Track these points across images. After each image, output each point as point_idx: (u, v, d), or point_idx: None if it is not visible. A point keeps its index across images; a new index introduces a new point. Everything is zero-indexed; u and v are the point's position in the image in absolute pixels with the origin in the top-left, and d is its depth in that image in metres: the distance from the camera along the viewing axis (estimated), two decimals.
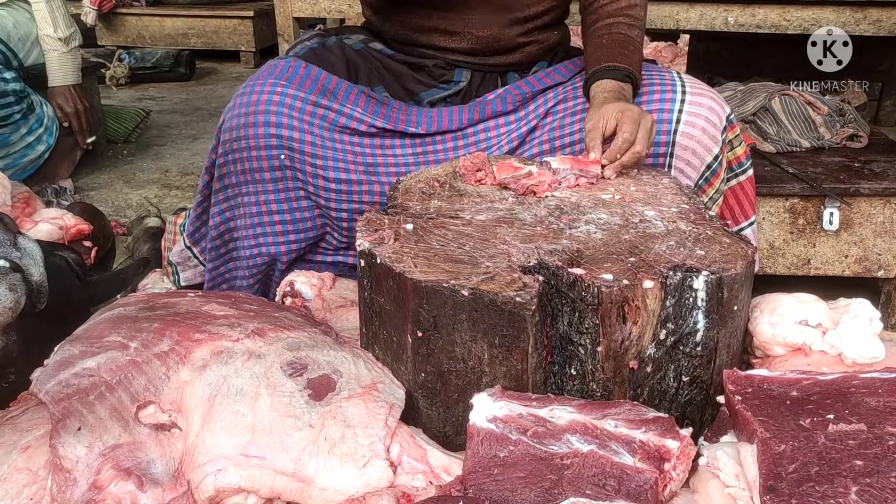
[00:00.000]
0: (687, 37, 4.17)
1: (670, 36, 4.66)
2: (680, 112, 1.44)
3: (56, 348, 1.12)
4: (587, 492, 0.92)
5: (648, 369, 1.06)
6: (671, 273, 1.03)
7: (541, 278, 1.03)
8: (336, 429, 1.03)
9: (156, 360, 1.09)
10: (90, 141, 2.93)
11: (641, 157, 1.34)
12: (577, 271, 1.03)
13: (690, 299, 1.03)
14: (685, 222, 1.20)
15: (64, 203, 2.26)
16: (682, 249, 1.10)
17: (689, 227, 1.18)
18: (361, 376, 1.11)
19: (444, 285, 1.02)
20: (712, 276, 1.03)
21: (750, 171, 1.61)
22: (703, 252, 1.09)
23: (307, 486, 0.99)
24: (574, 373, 1.06)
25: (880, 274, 2.07)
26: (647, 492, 0.92)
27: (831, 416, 0.96)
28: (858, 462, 0.89)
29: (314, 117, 1.44)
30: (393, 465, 1.02)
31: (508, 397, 1.01)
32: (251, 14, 4.98)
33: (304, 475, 1.00)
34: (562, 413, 0.99)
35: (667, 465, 0.94)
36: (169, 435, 1.04)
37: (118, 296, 1.66)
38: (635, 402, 1.03)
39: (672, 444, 0.95)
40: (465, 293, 1.01)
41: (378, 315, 1.14)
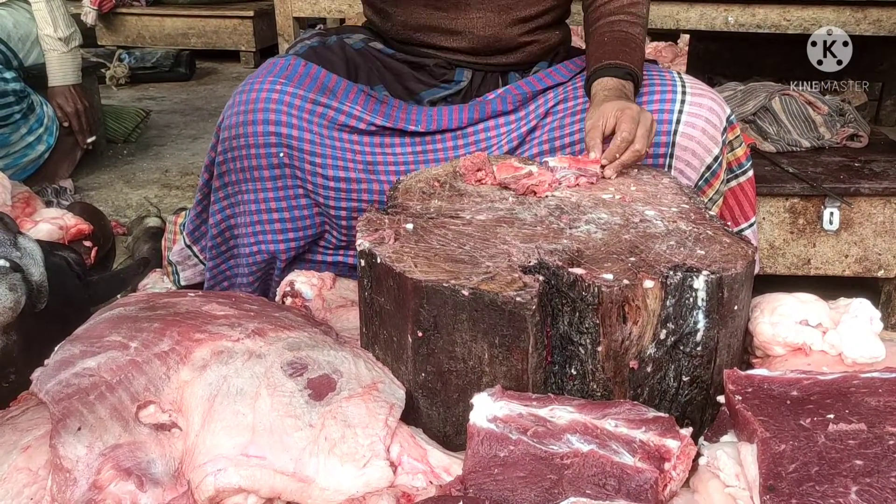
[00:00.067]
0: (687, 37, 4.17)
1: (670, 36, 4.67)
2: (680, 112, 1.44)
3: (56, 348, 1.12)
4: (587, 491, 0.92)
5: (649, 369, 1.06)
6: (671, 273, 1.03)
7: (541, 278, 1.03)
8: (336, 429, 1.03)
9: (156, 359, 1.09)
10: (90, 141, 2.93)
11: (641, 156, 1.34)
12: (578, 271, 1.03)
13: (691, 299, 1.03)
14: (685, 222, 1.20)
15: (64, 203, 2.26)
16: (682, 249, 1.10)
17: (689, 226, 1.18)
18: (362, 376, 1.11)
19: (444, 285, 1.02)
20: (712, 276, 1.03)
21: (750, 173, 1.61)
22: (703, 252, 1.09)
23: (307, 486, 0.99)
24: (574, 373, 1.06)
25: (880, 274, 2.07)
26: (647, 491, 0.92)
27: (831, 415, 0.96)
28: (858, 462, 0.89)
29: (313, 115, 1.44)
30: (393, 465, 1.02)
31: (508, 397, 1.01)
32: (251, 14, 4.98)
33: (305, 475, 1.00)
34: (562, 413, 0.99)
35: (667, 465, 0.94)
36: (169, 435, 1.04)
37: (118, 296, 1.66)
38: (635, 402, 1.03)
39: (672, 444, 0.95)
40: (466, 293, 1.01)
41: (378, 315, 1.14)
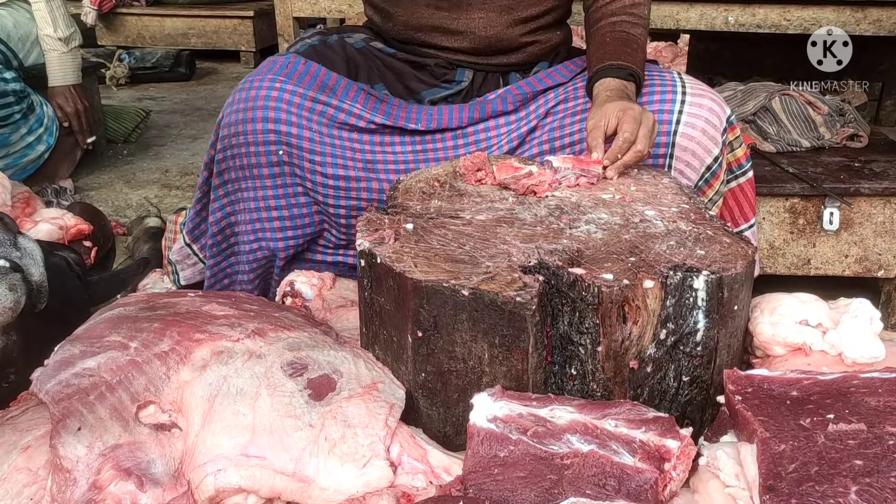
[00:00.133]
0: (687, 37, 4.17)
1: (670, 36, 4.67)
2: (680, 113, 1.44)
3: (56, 348, 1.12)
4: (587, 492, 0.92)
5: (648, 369, 1.06)
6: (671, 273, 1.03)
7: (541, 278, 1.03)
8: (336, 429, 1.03)
9: (156, 359, 1.09)
10: (90, 141, 2.93)
11: (643, 157, 1.34)
12: (578, 271, 1.03)
13: (691, 299, 1.03)
14: (685, 222, 1.20)
15: (64, 203, 2.26)
16: (682, 249, 1.10)
17: (689, 226, 1.18)
18: (362, 376, 1.11)
19: (444, 285, 1.02)
20: (712, 276, 1.03)
21: (750, 173, 1.61)
22: (703, 252, 1.09)
23: (307, 486, 0.99)
24: (574, 373, 1.06)
25: (880, 274, 2.07)
26: (647, 492, 0.92)
27: (831, 415, 0.96)
28: (858, 462, 0.89)
29: (313, 113, 1.44)
30: (393, 465, 1.02)
31: (508, 397, 1.01)
32: (251, 14, 4.97)
33: (305, 475, 1.00)
34: (562, 413, 0.99)
35: (667, 465, 0.94)
36: (169, 435, 1.04)
37: (118, 296, 1.66)
38: (635, 402, 1.03)
39: (672, 444, 0.95)
40: (466, 293, 1.01)
41: (378, 315, 1.14)
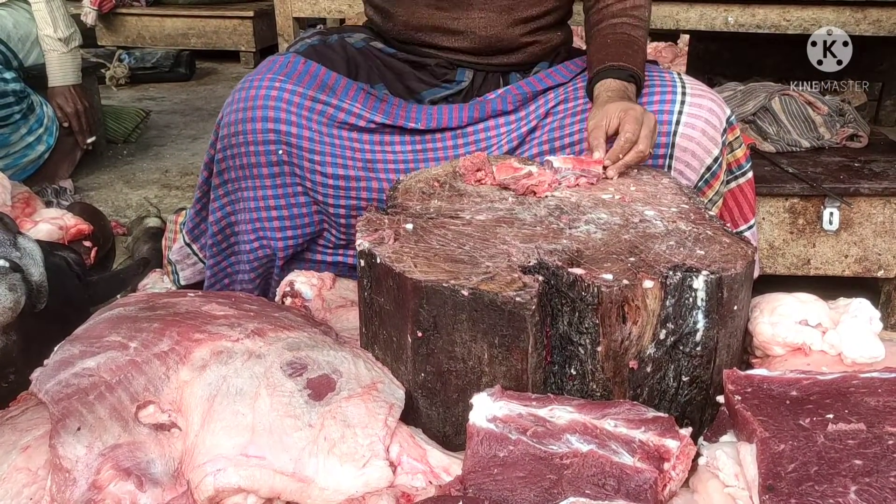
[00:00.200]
0: (687, 37, 4.17)
1: (670, 36, 4.67)
2: (680, 113, 1.44)
3: (56, 348, 1.12)
4: (587, 491, 0.92)
5: (648, 369, 1.06)
6: (671, 273, 1.03)
7: (541, 278, 1.03)
8: (336, 429, 1.03)
9: (155, 359, 1.09)
10: (90, 141, 2.93)
11: (644, 157, 1.34)
12: (577, 271, 1.03)
13: (690, 299, 1.03)
14: (685, 222, 1.20)
15: (64, 203, 2.27)
16: (681, 249, 1.10)
17: (688, 226, 1.18)
18: (361, 376, 1.11)
19: (443, 285, 1.02)
20: (712, 276, 1.03)
21: (749, 174, 1.61)
22: (702, 252, 1.09)
23: (307, 486, 0.99)
24: (574, 373, 1.06)
25: (880, 274, 2.07)
26: (646, 491, 0.92)
27: (831, 415, 0.96)
28: (858, 462, 0.89)
29: (312, 112, 1.44)
30: (393, 465, 1.02)
31: (508, 397, 1.01)
32: (251, 14, 4.97)
33: (304, 475, 1.00)
34: (561, 413, 0.99)
35: (666, 465, 0.94)
36: (168, 435, 1.04)
37: (118, 296, 1.66)
38: (635, 402, 1.03)
39: (672, 444, 0.95)
40: (465, 293, 1.01)
41: (378, 315, 1.14)
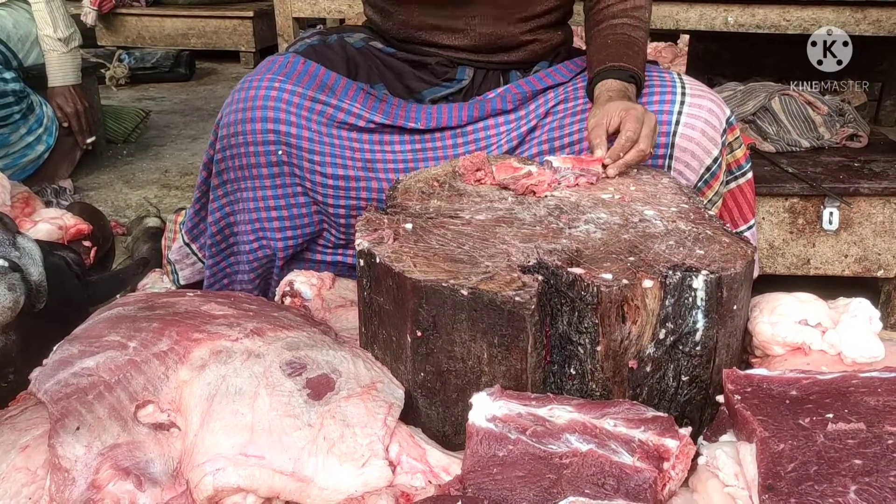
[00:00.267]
0: (687, 37, 4.17)
1: (670, 36, 4.67)
2: (679, 114, 1.44)
3: (55, 348, 1.12)
4: (586, 491, 0.92)
5: (648, 369, 1.06)
6: (670, 272, 1.03)
7: (540, 278, 1.03)
8: (335, 428, 1.03)
9: (155, 359, 1.09)
10: (90, 141, 2.93)
11: (645, 156, 1.34)
12: (577, 271, 1.03)
13: (690, 299, 1.03)
14: (685, 222, 1.20)
15: (63, 203, 2.27)
16: (681, 249, 1.10)
17: (688, 226, 1.18)
18: (360, 376, 1.11)
19: (443, 285, 1.02)
20: (712, 276, 1.03)
21: (749, 174, 1.61)
22: (702, 251, 1.09)
23: (306, 486, 0.99)
24: (573, 372, 1.06)
25: (880, 274, 2.07)
26: (646, 491, 0.92)
27: (830, 415, 0.96)
28: (857, 461, 0.89)
29: (312, 113, 1.44)
30: (392, 465, 1.02)
31: (508, 397, 1.01)
32: (251, 14, 4.97)
33: (303, 475, 1.00)
34: (561, 412, 0.99)
35: (666, 465, 0.94)
36: (168, 434, 1.04)
37: (117, 296, 1.66)
38: (634, 402, 1.03)
39: (671, 444, 0.95)
40: (465, 293, 1.01)
41: (377, 315, 1.14)
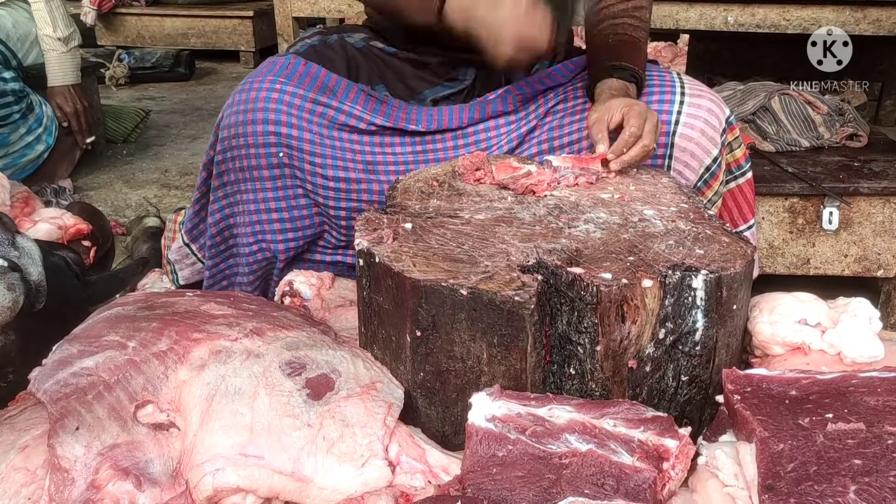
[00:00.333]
0: (687, 37, 4.17)
1: (670, 36, 4.66)
2: (679, 113, 1.44)
3: (54, 348, 1.12)
4: (585, 491, 0.92)
5: (647, 368, 1.06)
6: (670, 272, 1.03)
7: (540, 277, 1.02)
8: (334, 428, 1.03)
9: (154, 359, 1.09)
10: (89, 141, 2.93)
11: (649, 152, 1.34)
12: (576, 270, 1.03)
13: (689, 298, 1.03)
14: (684, 221, 1.20)
15: (63, 203, 2.26)
16: (681, 248, 1.10)
17: (688, 226, 1.18)
18: (360, 376, 1.11)
19: (442, 284, 1.02)
20: (711, 276, 1.03)
21: (749, 174, 1.61)
22: (702, 251, 1.09)
23: (305, 486, 0.99)
24: (573, 372, 1.06)
25: (880, 273, 2.07)
26: (645, 491, 0.92)
27: (830, 415, 0.96)
28: (857, 461, 0.89)
29: (313, 115, 1.44)
30: (391, 465, 1.02)
31: (507, 397, 1.01)
32: (251, 14, 4.98)
33: (303, 475, 0.99)
34: (560, 412, 0.99)
35: (665, 465, 0.94)
36: (167, 434, 1.04)
37: (117, 295, 1.66)
38: (634, 402, 1.03)
39: (671, 444, 0.95)
40: (464, 292, 1.01)
41: (377, 314, 1.14)
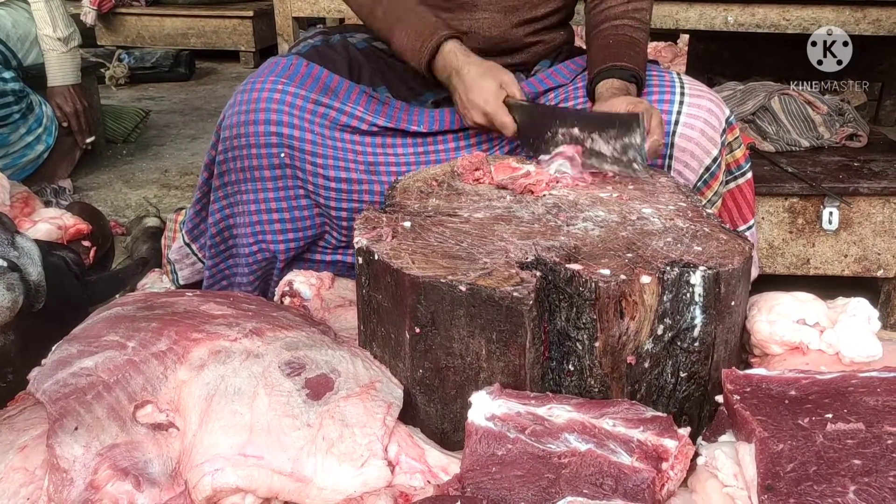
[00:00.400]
0: (686, 37, 4.17)
1: (670, 36, 4.66)
2: (679, 113, 1.44)
3: (54, 348, 1.12)
4: (584, 491, 0.92)
5: (646, 365, 1.06)
6: (668, 268, 1.03)
7: (538, 274, 1.03)
8: (334, 428, 1.03)
9: (153, 359, 1.09)
10: (89, 141, 2.93)
11: (660, 147, 1.34)
12: (575, 267, 1.03)
13: (688, 295, 1.03)
14: (682, 219, 1.20)
15: (63, 203, 2.26)
16: (679, 245, 1.10)
17: (686, 223, 1.18)
18: (359, 375, 1.11)
19: (441, 281, 1.02)
20: (709, 272, 1.03)
21: (749, 175, 1.61)
22: (700, 248, 1.09)
23: (305, 486, 0.99)
24: (572, 368, 1.06)
25: (879, 273, 2.07)
26: (644, 491, 0.92)
27: (829, 415, 0.96)
28: (857, 461, 0.89)
29: (315, 115, 1.44)
30: (391, 465, 1.02)
31: (507, 395, 1.01)
32: (251, 14, 4.98)
33: (302, 475, 0.99)
34: (560, 412, 0.99)
35: (664, 465, 0.94)
36: (166, 434, 1.04)
37: (116, 295, 1.66)
38: (633, 401, 1.03)
39: (670, 444, 0.95)
40: (463, 288, 1.01)
41: (376, 312, 1.14)
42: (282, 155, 1.44)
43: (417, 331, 1.06)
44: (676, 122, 1.44)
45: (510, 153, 1.51)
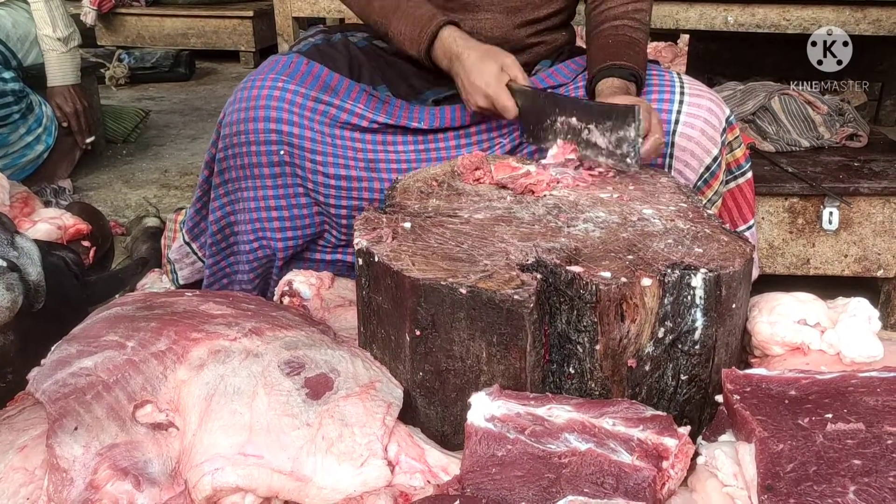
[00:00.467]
0: (687, 37, 4.17)
1: (670, 36, 4.66)
2: (679, 113, 1.44)
3: (53, 348, 1.12)
4: (585, 490, 0.92)
5: (647, 368, 1.06)
6: (669, 271, 1.03)
7: (539, 276, 1.02)
8: (334, 428, 1.02)
9: (153, 359, 1.09)
10: (89, 141, 2.93)
11: (661, 145, 1.34)
12: (576, 269, 1.03)
13: (688, 297, 1.03)
14: (683, 220, 1.19)
15: (63, 203, 2.26)
16: (680, 247, 1.10)
17: (687, 225, 1.18)
18: (359, 375, 1.11)
19: (441, 283, 1.02)
20: (710, 274, 1.03)
21: (749, 174, 1.61)
22: (701, 250, 1.09)
23: (305, 485, 0.99)
24: (572, 371, 1.06)
25: (880, 273, 2.07)
26: (644, 490, 0.92)
27: (830, 415, 0.96)
28: (857, 461, 0.89)
29: (315, 113, 1.44)
30: (391, 465, 1.02)
31: (507, 396, 1.01)
32: (251, 14, 4.98)
33: (302, 474, 0.99)
34: (560, 412, 0.99)
35: (665, 464, 0.94)
36: (166, 434, 1.04)
37: (116, 295, 1.66)
38: (633, 401, 1.03)
39: (670, 443, 0.95)
40: (464, 291, 1.01)
41: (376, 314, 1.14)
42: (281, 152, 1.44)
43: (418, 333, 1.06)
44: (676, 122, 1.44)
45: (511, 152, 1.51)
